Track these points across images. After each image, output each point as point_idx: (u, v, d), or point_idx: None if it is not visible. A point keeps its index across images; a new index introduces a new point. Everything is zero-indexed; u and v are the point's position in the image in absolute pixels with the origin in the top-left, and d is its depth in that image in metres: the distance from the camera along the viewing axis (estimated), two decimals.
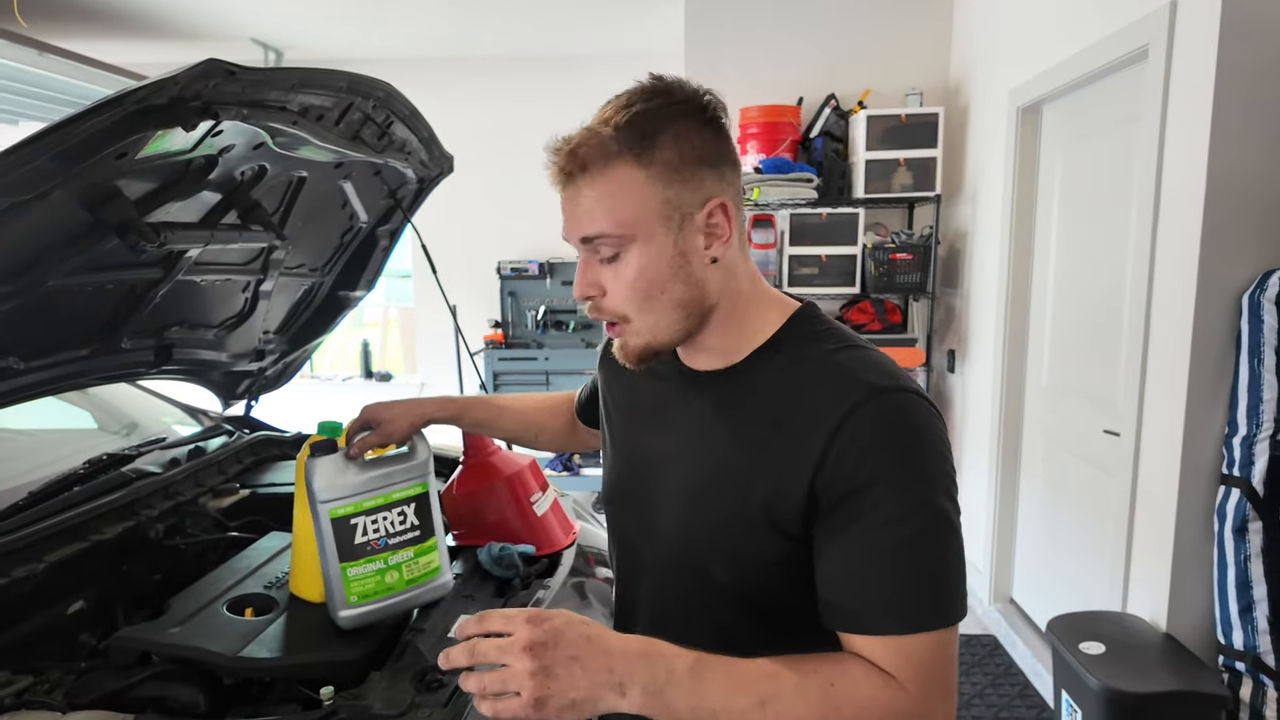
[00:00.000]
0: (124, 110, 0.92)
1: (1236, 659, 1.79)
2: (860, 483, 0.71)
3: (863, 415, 0.72)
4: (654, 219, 0.76)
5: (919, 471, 0.72)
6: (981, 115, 3.19)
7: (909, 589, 0.70)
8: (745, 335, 0.83)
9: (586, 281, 0.80)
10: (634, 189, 0.75)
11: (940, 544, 0.71)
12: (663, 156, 0.75)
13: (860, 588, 0.71)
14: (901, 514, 0.70)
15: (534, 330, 4.73)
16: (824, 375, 0.77)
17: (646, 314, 0.79)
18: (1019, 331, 2.95)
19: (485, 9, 3.71)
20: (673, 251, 0.77)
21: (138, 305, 1.39)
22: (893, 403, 0.73)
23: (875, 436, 0.72)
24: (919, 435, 0.73)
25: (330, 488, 1.13)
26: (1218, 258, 1.82)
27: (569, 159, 0.75)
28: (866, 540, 0.71)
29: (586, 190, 0.76)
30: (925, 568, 0.71)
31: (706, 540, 0.81)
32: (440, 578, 1.25)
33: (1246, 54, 1.75)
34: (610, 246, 0.77)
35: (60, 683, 1.06)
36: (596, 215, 0.76)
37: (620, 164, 0.74)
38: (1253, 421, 1.76)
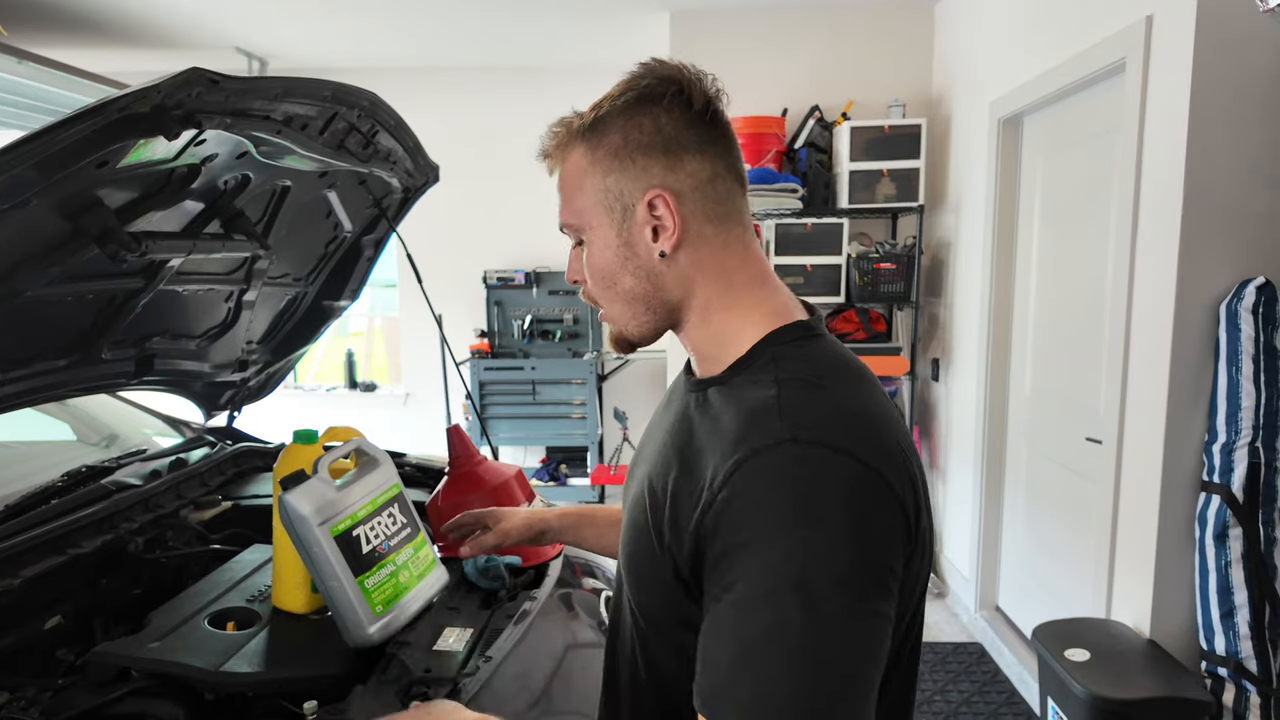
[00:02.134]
0: (105, 119, 0.91)
1: (1219, 664, 1.80)
2: (736, 543, 0.61)
3: (755, 465, 0.62)
4: (597, 208, 0.74)
5: (802, 547, 0.58)
6: (963, 126, 3.22)
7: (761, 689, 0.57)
8: (724, 345, 0.75)
9: (572, 268, 0.80)
10: (579, 176, 0.75)
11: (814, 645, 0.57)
12: (608, 142, 0.72)
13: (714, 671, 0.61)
14: (767, 594, 0.58)
15: (520, 340, 4.72)
16: (747, 410, 0.67)
17: (609, 303, 0.78)
18: (1002, 340, 2.97)
19: (471, 19, 3.71)
20: (616, 243, 0.74)
21: (118, 315, 1.37)
22: (797, 456, 0.61)
23: (760, 493, 0.61)
24: (815, 503, 0.59)
25: (322, 509, 1.12)
26: (1195, 267, 1.85)
27: (546, 142, 0.77)
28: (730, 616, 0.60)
29: (560, 177, 0.77)
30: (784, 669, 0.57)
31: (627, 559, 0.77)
32: (439, 569, 1.28)
33: (1221, 67, 1.78)
34: (572, 234, 0.78)
35: (37, 700, 1.04)
36: (562, 202, 0.77)
37: (576, 150, 0.74)
38: (1232, 429, 1.79)
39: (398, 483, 1.28)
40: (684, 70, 0.72)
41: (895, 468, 0.63)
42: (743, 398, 0.69)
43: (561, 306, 4.70)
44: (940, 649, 2.99)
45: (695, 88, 0.72)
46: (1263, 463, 1.74)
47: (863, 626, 0.59)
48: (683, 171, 0.72)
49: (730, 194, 0.74)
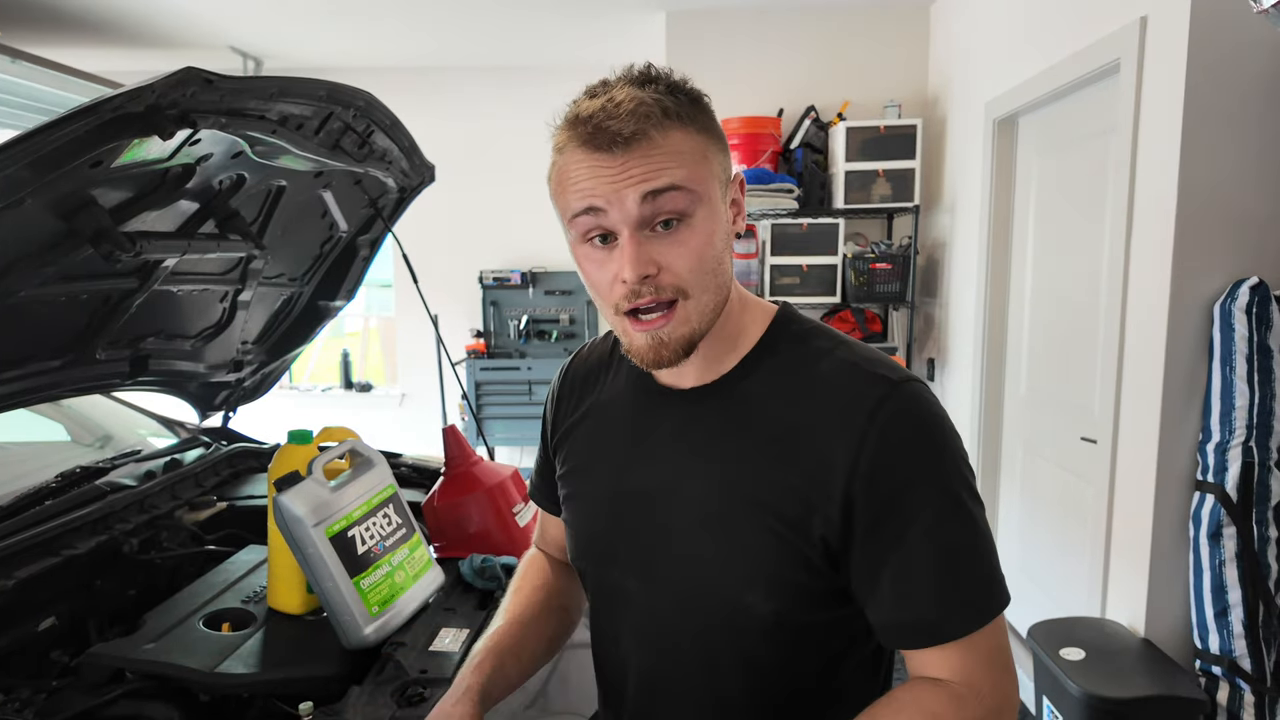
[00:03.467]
0: (100, 118, 0.91)
1: (1213, 663, 1.81)
2: (901, 483, 0.69)
3: (889, 412, 0.70)
4: (715, 182, 0.72)
5: (954, 463, 0.71)
6: (959, 127, 3.23)
7: (975, 585, 0.69)
8: (730, 341, 0.77)
9: (643, 259, 0.69)
10: (698, 149, 0.71)
11: (985, 530, 0.71)
12: (709, 123, 0.73)
13: (934, 598, 0.69)
14: (952, 513, 0.69)
15: (516, 340, 4.72)
16: (833, 375, 0.73)
17: (704, 289, 0.71)
18: (997, 340, 2.98)
19: (467, 19, 3.71)
20: (725, 220, 0.73)
21: (112, 315, 1.37)
22: (911, 394, 0.71)
23: (907, 433, 0.70)
24: (943, 425, 0.72)
25: (317, 510, 1.12)
26: (1190, 267, 1.85)
27: (631, 117, 0.67)
28: (927, 550, 0.68)
29: (650, 149, 0.68)
30: (981, 559, 0.70)
31: (738, 567, 0.74)
32: (434, 569, 1.28)
33: (1216, 68, 1.79)
34: (679, 206, 0.69)
35: (31, 701, 1.03)
36: (670, 168, 0.68)
37: (682, 124, 0.70)
38: (1226, 428, 1.79)
39: (392, 484, 1.28)
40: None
41: None
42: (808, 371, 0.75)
43: (558, 306, 4.70)
44: None
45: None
46: (1256, 462, 1.75)
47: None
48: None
49: None
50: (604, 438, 0.86)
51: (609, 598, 0.86)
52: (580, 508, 0.88)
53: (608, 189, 0.68)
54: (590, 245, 0.72)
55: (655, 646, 0.81)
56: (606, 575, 0.85)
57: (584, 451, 0.87)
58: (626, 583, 0.82)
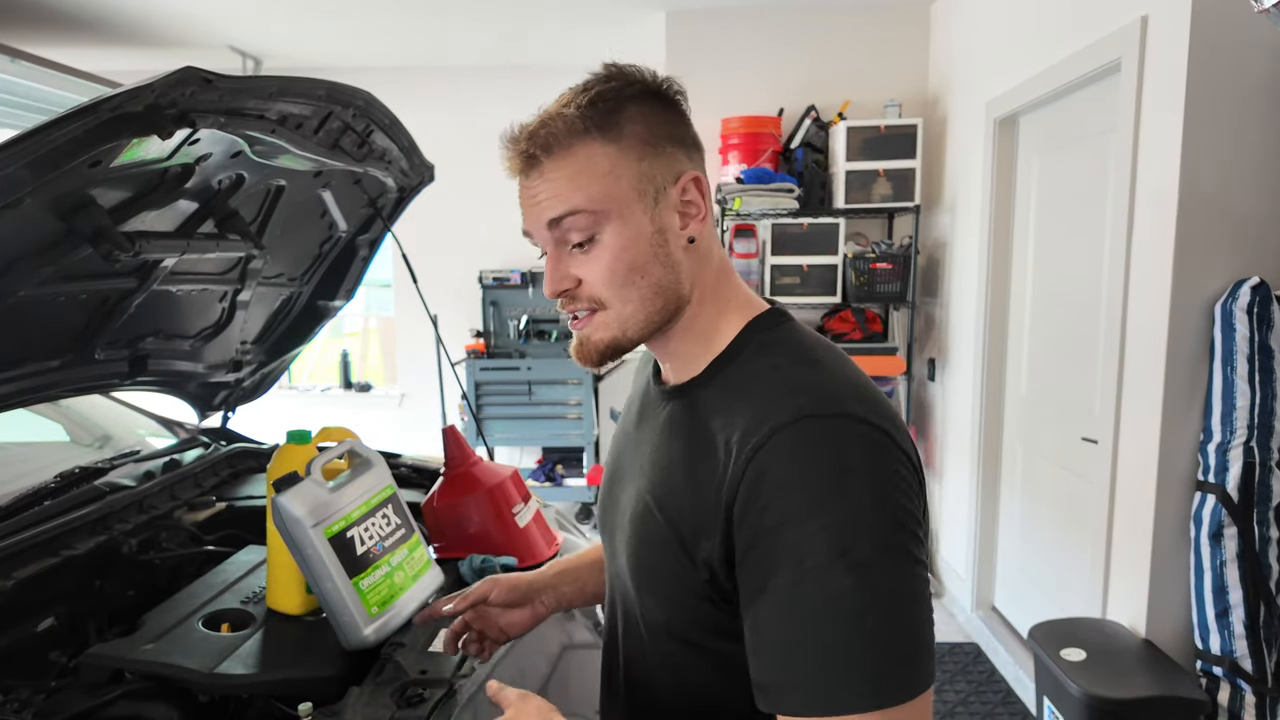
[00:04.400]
0: (99, 118, 0.91)
1: (1214, 664, 1.81)
2: (770, 526, 0.61)
3: (778, 443, 0.63)
4: (629, 194, 0.71)
5: (839, 516, 0.60)
6: (959, 126, 3.23)
7: (831, 661, 0.59)
8: (705, 342, 0.76)
9: (559, 275, 0.73)
10: (605, 164, 0.70)
11: (871, 607, 0.59)
12: (631, 130, 0.71)
13: (776, 661, 0.61)
14: (816, 574, 0.59)
15: (516, 340, 4.71)
16: (757, 393, 0.68)
17: (624, 301, 0.73)
18: (998, 340, 2.98)
19: (466, 18, 3.70)
20: (651, 229, 0.72)
21: (111, 315, 1.37)
22: (819, 430, 0.63)
23: (788, 469, 0.62)
24: (844, 470, 0.61)
25: (316, 510, 1.12)
26: (1191, 267, 1.85)
27: (530, 141, 0.70)
28: (780, 602, 0.61)
29: (552, 172, 0.70)
30: (850, 635, 0.58)
31: (641, 571, 0.75)
32: (434, 570, 1.28)
33: (1216, 67, 1.79)
34: (582, 228, 0.71)
35: (30, 702, 1.03)
36: (566, 193, 0.70)
37: (588, 141, 0.70)
38: (1227, 428, 1.79)
39: (391, 484, 1.28)
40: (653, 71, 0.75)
41: (899, 428, 0.67)
42: (744, 385, 0.71)
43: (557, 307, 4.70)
44: (936, 649, 2.98)
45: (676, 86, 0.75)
46: (1257, 462, 1.75)
47: (909, 576, 0.61)
48: (693, 161, 0.75)
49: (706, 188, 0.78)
50: (622, 421, 0.92)
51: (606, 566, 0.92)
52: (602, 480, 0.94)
53: (528, 215, 0.74)
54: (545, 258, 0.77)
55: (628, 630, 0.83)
56: (605, 545, 0.91)
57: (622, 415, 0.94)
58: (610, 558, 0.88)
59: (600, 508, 0.91)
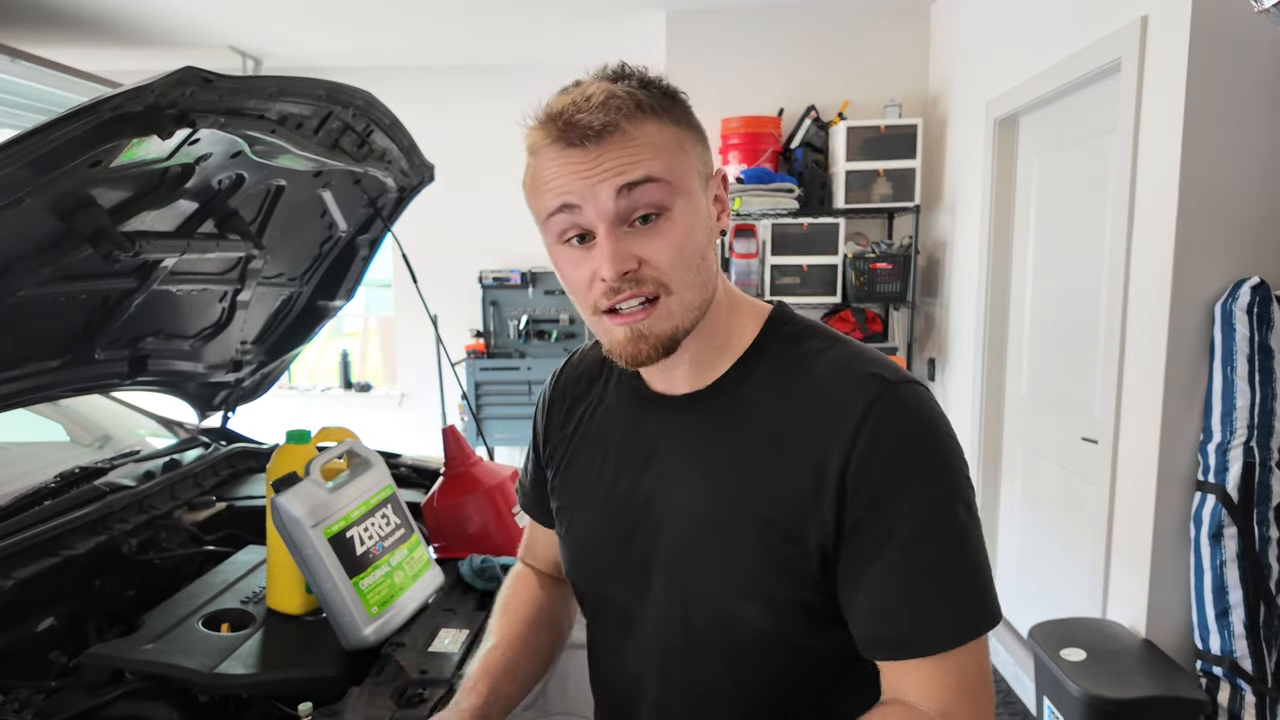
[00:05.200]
0: (99, 118, 0.91)
1: (1214, 664, 1.81)
2: (887, 489, 0.66)
3: (880, 413, 0.67)
4: (694, 175, 0.70)
5: (945, 471, 0.67)
6: (959, 127, 3.23)
7: (957, 600, 0.66)
8: (722, 344, 0.75)
9: (623, 254, 0.66)
10: (673, 142, 0.68)
11: (975, 544, 0.67)
12: (686, 117, 0.71)
13: (910, 611, 0.66)
14: (937, 522, 0.66)
15: (516, 340, 4.71)
16: (825, 375, 0.71)
17: (687, 286, 0.69)
18: (998, 340, 2.97)
19: (467, 19, 3.70)
20: (707, 214, 0.71)
21: (111, 315, 1.37)
22: (909, 395, 0.69)
23: (896, 437, 0.67)
24: (936, 430, 0.69)
25: (315, 511, 1.12)
26: (1191, 267, 1.85)
27: (600, 110, 0.65)
28: (907, 560, 0.65)
29: (622, 141, 0.65)
30: (967, 573, 0.66)
31: (733, 580, 0.72)
32: (434, 570, 1.28)
33: (1217, 67, 1.79)
34: (655, 200, 0.66)
35: (30, 702, 1.03)
36: (645, 160, 0.66)
37: (654, 118, 0.67)
38: (1226, 428, 1.79)
39: (390, 484, 1.28)
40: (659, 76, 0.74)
41: None
42: (802, 373, 0.72)
43: (557, 306, 4.69)
44: None
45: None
46: (1257, 462, 1.75)
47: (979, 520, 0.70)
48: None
49: None
50: (598, 447, 0.83)
51: (609, 613, 0.84)
52: (575, 519, 0.85)
53: (581, 185, 0.66)
54: (568, 246, 0.69)
55: (660, 663, 0.78)
56: (605, 589, 0.83)
57: (578, 461, 0.85)
58: (626, 597, 0.80)
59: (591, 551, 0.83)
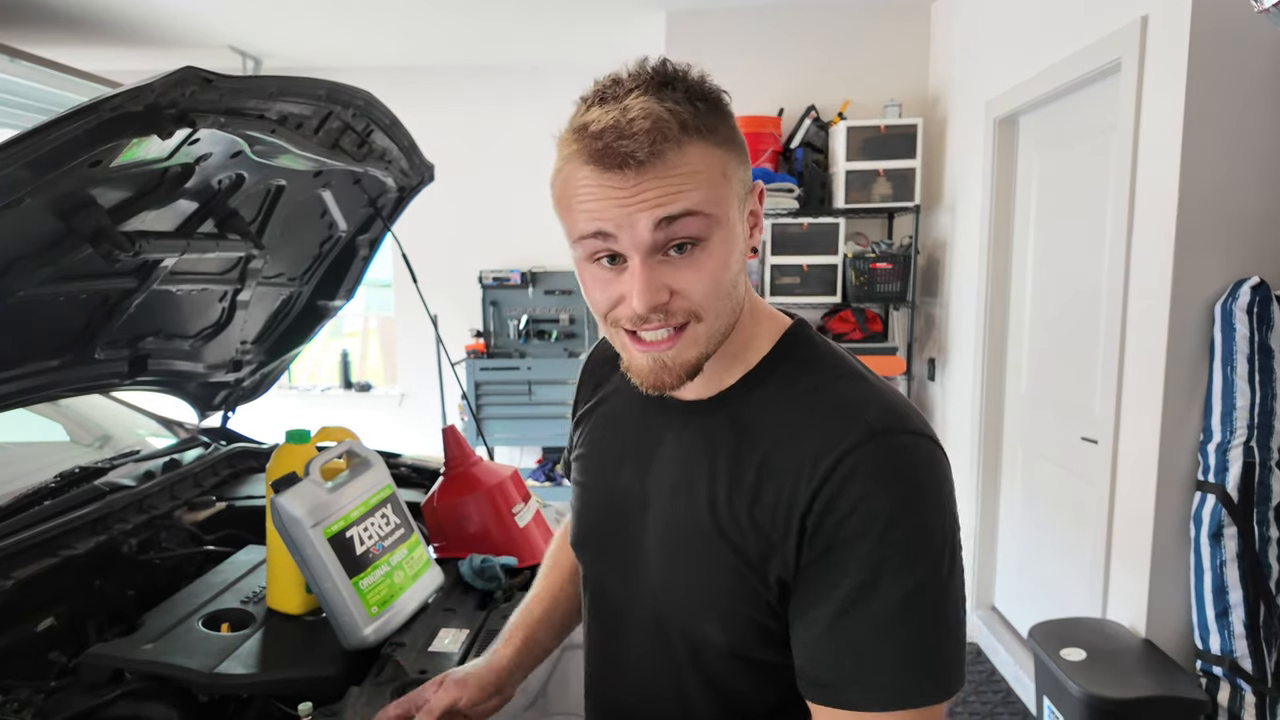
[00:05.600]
0: (99, 118, 0.91)
1: (1214, 664, 1.81)
2: (847, 536, 0.63)
3: (857, 460, 0.64)
4: (733, 201, 0.66)
5: (917, 529, 0.63)
6: (959, 126, 3.23)
7: (896, 662, 0.62)
8: (736, 355, 0.73)
9: (655, 286, 0.64)
10: (717, 166, 0.64)
11: (935, 610, 0.63)
12: (732, 132, 0.67)
13: (840, 659, 0.64)
14: (892, 578, 0.62)
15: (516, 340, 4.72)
16: (819, 410, 0.68)
17: (718, 315, 0.67)
18: (998, 340, 2.97)
19: (467, 18, 3.70)
20: (743, 238, 0.68)
21: (111, 315, 1.37)
22: (894, 447, 0.65)
23: (869, 486, 0.63)
24: (920, 487, 0.64)
25: (315, 511, 1.12)
26: (1191, 267, 1.85)
27: (644, 138, 0.61)
28: (851, 608, 0.63)
29: (664, 170, 0.62)
30: (916, 638, 0.62)
31: (697, 596, 0.72)
32: (434, 569, 1.28)
33: (1216, 67, 1.79)
34: (694, 232, 0.64)
35: (30, 702, 1.03)
36: (686, 191, 0.62)
37: (698, 141, 0.63)
38: (1226, 428, 1.79)
39: (390, 484, 1.28)
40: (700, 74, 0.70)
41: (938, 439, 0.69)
42: (801, 403, 0.70)
43: (557, 306, 4.70)
44: None
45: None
46: (1257, 462, 1.75)
47: (961, 582, 0.66)
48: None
49: None
50: (609, 432, 0.85)
51: (600, 593, 0.86)
52: (583, 495, 0.88)
53: (618, 213, 0.63)
54: (597, 265, 0.67)
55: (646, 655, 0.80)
56: (599, 570, 0.86)
57: (593, 441, 0.87)
58: (615, 584, 0.83)
59: (593, 530, 0.85)
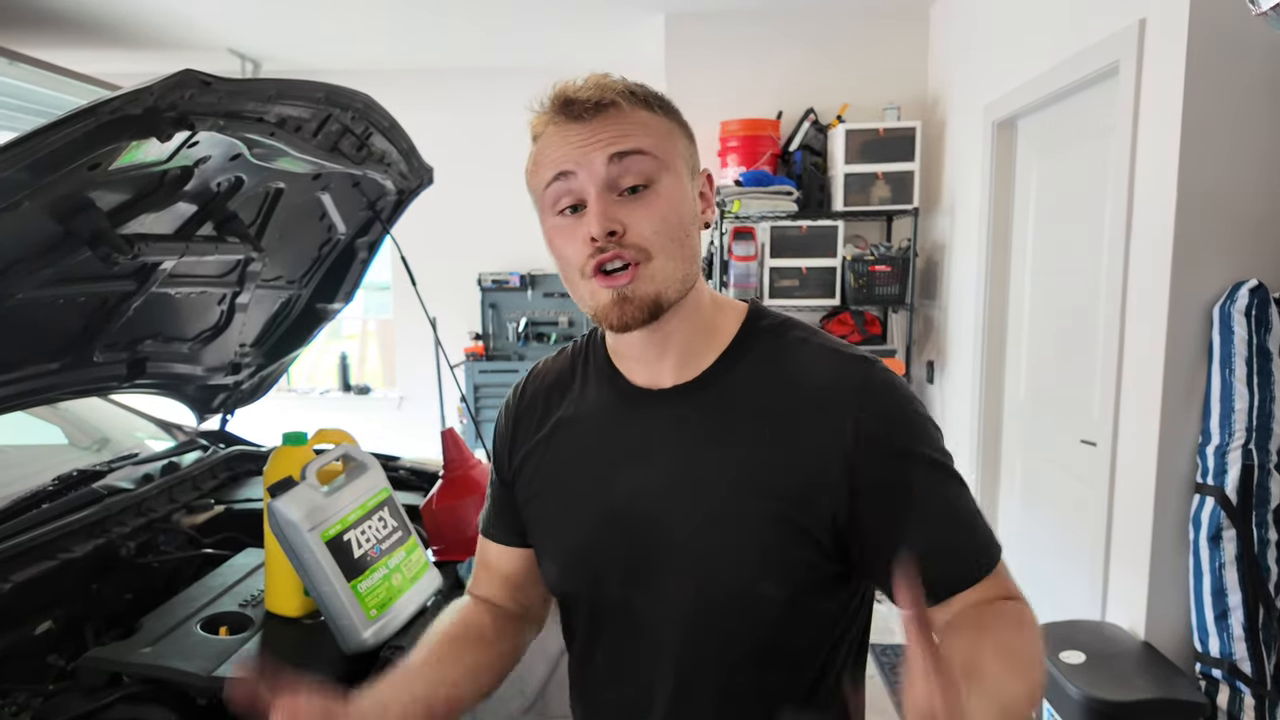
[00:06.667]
0: (98, 120, 0.91)
1: (1213, 666, 1.81)
2: (899, 450, 0.73)
3: (873, 388, 0.75)
4: (681, 160, 0.76)
5: (936, 430, 0.77)
6: (958, 129, 3.23)
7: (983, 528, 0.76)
8: (706, 337, 0.79)
9: (609, 215, 0.71)
10: (663, 127, 0.75)
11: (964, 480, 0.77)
12: (677, 116, 0.78)
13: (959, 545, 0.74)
14: (946, 466, 0.75)
15: (515, 342, 4.71)
16: (815, 360, 0.78)
17: (668, 256, 0.73)
18: (996, 342, 2.98)
19: (465, 20, 3.71)
20: (692, 196, 0.77)
21: (110, 318, 1.37)
22: (887, 373, 0.78)
23: (893, 405, 0.75)
24: (915, 398, 0.79)
25: (312, 514, 1.12)
26: (1189, 270, 1.85)
27: (601, 89, 0.73)
28: (936, 503, 0.74)
29: (619, 118, 0.72)
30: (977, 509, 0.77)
31: (746, 556, 0.74)
32: (432, 572, 1.28)
33: (1214, 70, 1.79)
34: (642, 171, 0.72)
35: (28, 705, 1.03)
36: (636, 134, 0.72)
37: (648, 109, 0.75)
38: (1225, 431, 1.79)
39: (387, 487, 1.28)
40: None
41: None
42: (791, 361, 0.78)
43: (557, 309, 4.69)
44: None
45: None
46: (1256, 465, 1.75)
47: None
48: None
49: None
50: (581, 451, 0.82)
51: (613, 620, 0.82)
52: (561, 528, 0.83)
53: (577, 153, 0.72)
54: (561, 217, 0.74)
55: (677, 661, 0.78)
56: (607, 593, 0.81)
57: (557, 470, 0.84)
58: (632, 600, 0.79)
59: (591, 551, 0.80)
